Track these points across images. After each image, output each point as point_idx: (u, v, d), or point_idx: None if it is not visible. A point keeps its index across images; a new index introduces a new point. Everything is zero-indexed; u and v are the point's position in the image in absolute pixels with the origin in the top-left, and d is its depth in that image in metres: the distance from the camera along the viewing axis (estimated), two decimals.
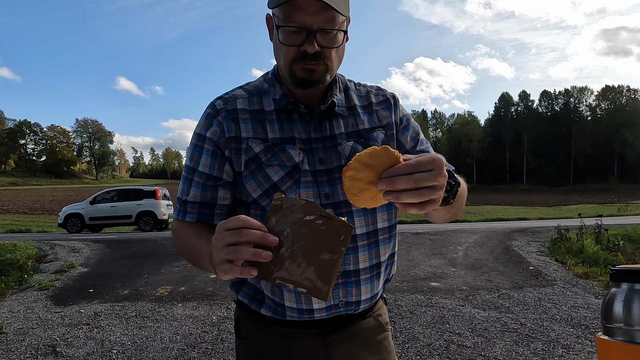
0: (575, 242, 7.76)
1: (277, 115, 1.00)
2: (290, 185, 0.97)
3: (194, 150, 1.01)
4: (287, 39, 0.90)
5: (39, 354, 3.62)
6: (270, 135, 0.98)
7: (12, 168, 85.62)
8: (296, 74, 0.93)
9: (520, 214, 20.67)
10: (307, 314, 0.99)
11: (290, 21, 0.88)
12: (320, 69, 0.93)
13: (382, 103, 1.09)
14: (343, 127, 1.02)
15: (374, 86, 1.12)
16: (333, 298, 1.00)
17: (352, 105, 1.05)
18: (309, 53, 0.90)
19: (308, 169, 0.98)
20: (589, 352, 3.45)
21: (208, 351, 3.67)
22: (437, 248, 8.43)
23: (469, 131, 79.19)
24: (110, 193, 16.44)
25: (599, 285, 5.56)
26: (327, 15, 0.88)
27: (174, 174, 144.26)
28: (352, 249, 0.99)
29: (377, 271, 1.04)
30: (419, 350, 3.58)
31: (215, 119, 0.99)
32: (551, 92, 78.72)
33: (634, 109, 70.14)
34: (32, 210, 23.81)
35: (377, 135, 1.04)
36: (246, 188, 0.98)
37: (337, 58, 0.95)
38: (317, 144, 0.99)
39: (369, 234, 1.01)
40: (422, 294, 5.25)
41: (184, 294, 5.46)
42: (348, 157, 0.99)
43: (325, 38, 0.90)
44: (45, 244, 9.22)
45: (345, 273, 0.99)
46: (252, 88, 1.04)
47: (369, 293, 1.03)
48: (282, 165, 0.96)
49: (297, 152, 0.97)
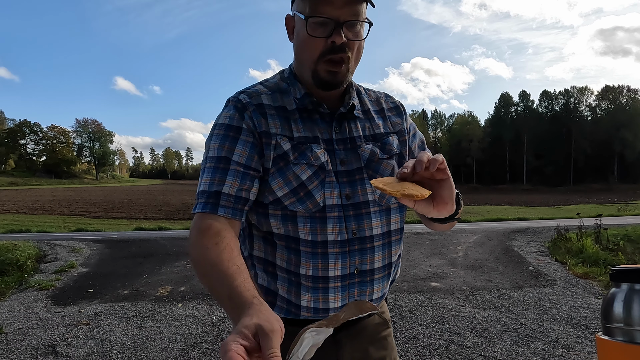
0: (575, 242, 7.76)
1: (299, 114, 1.00)
2: (317, 185, 0.97)
3: (224, 140, 0.95)
4: (314, 31, 0.92)
5: (39, 354, 3.62)
6: (296, 133, 0.98)
7: (12, 168, 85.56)
8: (320, 74, 0.95)
9: (520, 214, 20.64)
10: (322, 313, 1.01)
11: (318, 13, 0.90)
12: (343, 69, 0.94)
13: (393, 110, 1.12)
14: (361, 130, 1.04)
15: (382, 92, 1.16)
16: (349, 297, 1.01)
17: (367, 109, 1.08)
18: (336, 44, 0.91)
19: (331, 169, 0.99)
20: (589, 352, 3.45)
21: (208, 351, 3.67)
22: (437, 248, 8.43)
23: (469, 131, 79.11)
24: None
25: (599, 285, 5.56)
26: (354, 8, 0.91)
27: (174, 174, 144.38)
28: (369, 249, 1.01)
29: (388, 271, 1.07)
30: (419, 350, 3.58)
31: (245, 112, 0.97)
32: (551, 92, 78.66)
33: (634, 109, 70.05)
34: (32, 210, 23.78)
35: (392, 140, 1.07)
36: (271, 186, 0.96)
37: (358, 54, 0.97)
38: (338, 145, 1.01)
39: (384, 235, 1.03)
40: (422, 294, 5.25)
41: (184, 294, 5.46)
42: (367, 159, 1.02)
43: (351, 31, 0.93)
44: (45, 244, 9.22)
45: (362, 272, 1.01)
46: (272, 85, 1.04)
47: (380, 292, 1.06)
48: (309, 164, 0.96)
49: (322, 152, 0.98)
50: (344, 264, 0.99)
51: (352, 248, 0.99)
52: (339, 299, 1.00)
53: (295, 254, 0.98)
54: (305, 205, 0.96)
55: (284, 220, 0.98)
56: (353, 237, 0.99)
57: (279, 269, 1.01)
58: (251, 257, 1.06)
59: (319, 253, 0.97)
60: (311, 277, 0.98)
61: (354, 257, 0.99)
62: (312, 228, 0.97)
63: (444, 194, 0.83)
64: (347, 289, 1.00)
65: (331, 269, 0.98)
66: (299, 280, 0.99)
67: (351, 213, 0.99)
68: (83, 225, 16.97)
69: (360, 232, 0.99)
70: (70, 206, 27.25)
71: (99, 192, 48.83)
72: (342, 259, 0.98)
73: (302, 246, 0.98)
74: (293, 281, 1.00)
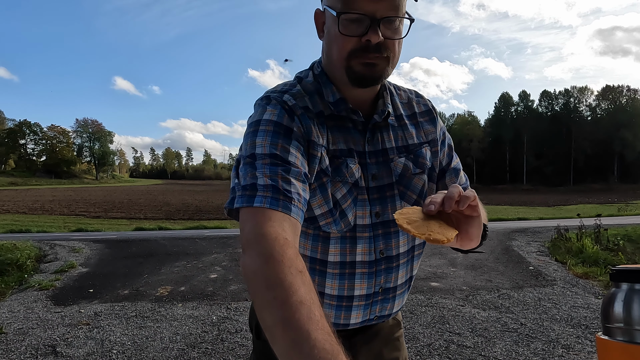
0: (575, 242, 7.76)
1: (334, 121, 0.90)
2: (350, 204, 0.90)
3: (276, 137, 0.80)
4: (346, 29, 0.81)
5: (39, 354, 3.62)
6: (331, 145, 0.88)
7: (12, 168, 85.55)
8: (354, 68, 0.83)
9: (520, 214, 20.64)
10: (342, 327, 1.00)
11: (351, 8, 0.79)
12: (382, 64, 0.83)
13: (425, 114, 1.03)
14: (393, 140, 0.95)
15: (413, 91, 1.06)
16: (370, 313, 1.00)
17: (399, 114, 0.99)
18: (371, 44, 0.80)
19: (364, 185, 0.91)
20: (589, 352, 3.45)
21: (208, 351, 3.67)
22: (437, 248, 8.43)
23: (469, 131, 79.11)
24: None
25: (599, 285, 5.56)
26: (393, 2, 0.79)
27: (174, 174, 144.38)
28: (395, 267, 0.97)
29: (409, 284, 1.05)
30: (419, 350, 3.58)
31: (294, 115, 0.84)
32: (551, 92, 78.69)
33: (634, 109, 70.09)
34: (32, 210, 23.78)
35: (425, 152, 0.99)
36: (310, 203, 0.87)
37: (399, 51, 0.86)
38: (370, 158, 0.92)
39: (408, 252, 1.00)
40: (422, 294, 5.25)
41: (184, 294, 5.46)
42: (400, 175, 0.94)
43: (389, 28, 0.81)
44: (45, 244, 9.22)
45: (385, 290, 0.99)
46: (310, 86, 0.92)
47: (400, 304, 1.06)
48: (344, 181, 0.89)
49: (357, 167, 0.90)
50: (370, 284, 0.95)
51: (379, 268, 0.95)
52: (360, 315, 0.99)
53: (320, 275, 0.94)
54: (339, 226, 0.89)
55: (315, 241, 0.91)
56: (381, 257, 0.94)
57: None
58: None
59: (347, 274, 0.93)
60: (336, 297, 0.95)
61: (380, 276, 0.96)
62: (342, 249, 0.92)
63: (470, 231, 0.77)
64: (370, 307, 0.99)
65: (357, 288, 0.95)
66: (322, 299, 0.92)
67: (380, 232, 0.93)
68: (83, 225, 16.97)
69: (388, 252, 0.95)
70: (70, 206, 27.25)
71: (99, 192, 48.83)
72: (369, 279, 0.95)
73: (330, 268, 0.93)
74: None
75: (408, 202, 0.96)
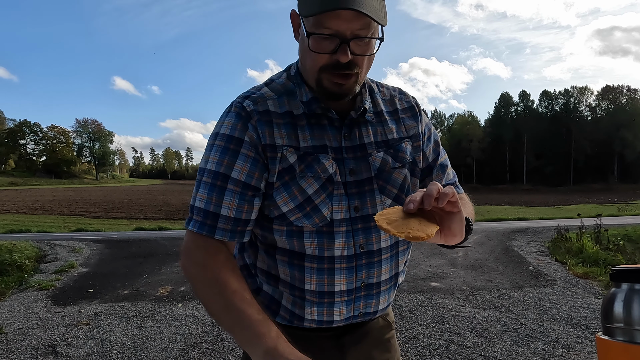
0: (575, 242, 7.76)
1: (307, 120, 0.93)
2: (324, 199, 0.91)
3: (224, 153, 0.89)
4: (317, 46, 0.84)
5: (39, 354, 3.62)
6: (302, 143, 0.91)
7: (12, 168, 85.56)
8: (323, 84, 0.87)
9: (520, 214, 20.66)
10: (326, 324, 0.99)
11: (323, 27, 0.81)
12: (351, 81, 0.87)
13: (408, 110, 1.04)
14: (372, 135, 0.97)
15: (396, 88, 1.08)
16: (354, 310, 0.99)
17: (379, 110, 1.00)
18: (341, 62, 0.83)
19: (340, 180, 0.93)
20: (589, 352, 3.45)
21: (208, 351, 3.67)
22: (437, 248, 8.40)
23: (469, 131, 79.09)
24: None
25: (599, 285, 5.56)
26: (363, 21, 0.81)
27: (174, 174, 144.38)
28: (377, 262, 0.97)
29: (395, 281, 1.05)
30: (419, 350, 3.58)
31: (249, 122, 0.90)
32: (551, 92, 78.68)
33: (634, 109, 70.07)
34: (32, 210, 23.78)
35: (405, 146, 1.00)
36: (275, 201, 0.91)
37: (367, 66, 0.89)
38: (347, 153, 0.94)
39: (392, 247, 1.00)
40: (422, 294, 5.25)
41: (184, 294, 5.46)
42: (378, 169, 0.96)
43: (359, 45, 0.84)
44: (45, 244, 9.22)
45: (368, 286, 0.98)
46: (279, 87, 0.96)
47: (386, 302, 1.05)
48: (316, 177, 0.91)
49: (330, 163, 0.92)
50: (351, 279, 0.95)
51: (360, 262, 0.95)
52: (344, 312, 0.98)
53: (299, 270, 0.95)
54: (311, 220, 0.91)
55: (289, 236, 0.93)
56: (361, 251, 0.95)
57: (282, 283, 0.98)
58: (254, 267, 1.03)
59: (325, 268, 0.94)
60: (316, 293, 0.95)
61: (360, 271, 0.96)
62: (319, 243, 0.93)
63: (453, 227, 0.79)
64: (352, 303, 0.98)
65: (337, 284, 0.95)
66: (303, 296, 0.96)
67: (359, 226, 0.94)
68: (83, 225, 16.98)
69: (369, 246, 0.95)
70: (70, 206, 27.26)
71: (99, 192, 48.85)
72: (349, 274, 0.95)
73: (307, 262, 0.94)
74: (297, 295, 0.97)
75: (389, 196, 0.97)
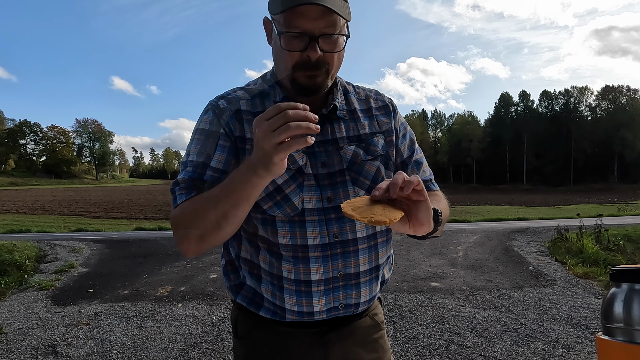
0: (575, 242, 7.76)
1: None
2: (294, 189, 0.97)
3: (204, 145, 0.97)
4: (289, 45, 0.90)
5: (39, 354, 3.62)
6: None
7: (12, 168, 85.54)
8: (298, 81, 0.93)
9: (520, 214, 20.64)
10: (307, 316, 1.01)
11: (292, 27, 0.87)
12: (322, 76, 0.93)
13: (382, 108, 1.10)
14: (344, 130, 1.03)
15: (373, 90, 1.13)
16: (333, 300, 1.01)
17: (353, 109, 1.06)
18: (311, 59, 0.89)
19: (311, 172, 0.98)
20: (589, 352, 3.45)
21: (208, 351, 3.67)
22: (437, 248, 8.43)
23: (469, 131, 79.04)
24: None
25: (599, 285, 5.56)
26: (329, 19, 0.87)
27: (174, 174, 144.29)
28: (353, 252, 1.00)
29: (376, 274, 1.06)
30: (419, 350, 3.58)
31: (221, 118, 0.98)
32: (551, 92, 78.66)
33: (634, 109, 70.05)
34: (32, 210, 23.77)
35: (377, 140, 1.05)
36: None
37: (338, 62, 0.95)
38: (319, 147, 0.99)
39: (369, 237, 1.02)
40: (422, 294, 5.25)
41: (184, 294, 5.46)
42: (350, 161, 1.00)
43: (327, 42, 0.90)
44: (45, 244, 9.22)
45: (346, 276, 1.00)
46: (253, 89, 1.04)
47: (368, 295, 1.05)
48: (286, 168, 0.96)
49: (300, 155, 0.97)
50: (326, 268, 0.99)
51: (334, 251, 0.99)
52: (323, 302, 1.00)
53: (277, 257, 0.99)
54: (282, 209, 0.96)
55: (264, 224, 0.99)
56: (335, 240, 0.98)
57: (263, 271, 1.02)
58: (238, 259, 1.07)
59: (300, 257, 0.98)
60: (293, 281, 0.99)
61: (336, 260, 0.99)
62: (291, 232, 0.97)
63: (419, 215, 0.81)
64: (331, 293, 1.00)
65: (313, 272, 0.98)
66: (281, 284, 1.00)
67: (333, 216, 0.98)
68: (83, 225, 16.97)
69: (343, 235, 0.99)
70: (70, 206, 27.25)
71: (99, 192, 48.84)
72: (324, 262, 0.98)
73: (283, 250, 0.98)
74: (276, 284, 1.01)
75: (361, 187, 1.01)
